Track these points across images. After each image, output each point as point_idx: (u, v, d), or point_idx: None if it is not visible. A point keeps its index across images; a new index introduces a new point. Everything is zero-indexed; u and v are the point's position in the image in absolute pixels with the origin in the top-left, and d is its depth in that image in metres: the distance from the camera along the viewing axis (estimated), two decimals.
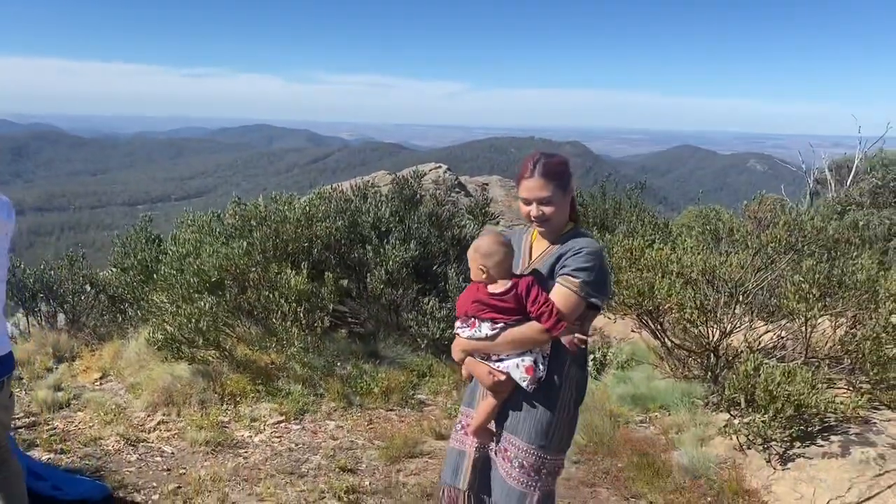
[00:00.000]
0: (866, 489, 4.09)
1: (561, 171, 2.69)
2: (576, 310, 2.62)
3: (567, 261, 2.63)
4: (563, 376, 2.70)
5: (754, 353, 5.15)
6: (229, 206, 7.12)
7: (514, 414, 2.73)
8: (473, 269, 2.73)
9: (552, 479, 2.79)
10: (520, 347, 2.66)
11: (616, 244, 6.19)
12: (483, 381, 2.74)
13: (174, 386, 5.80)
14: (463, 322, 2.77)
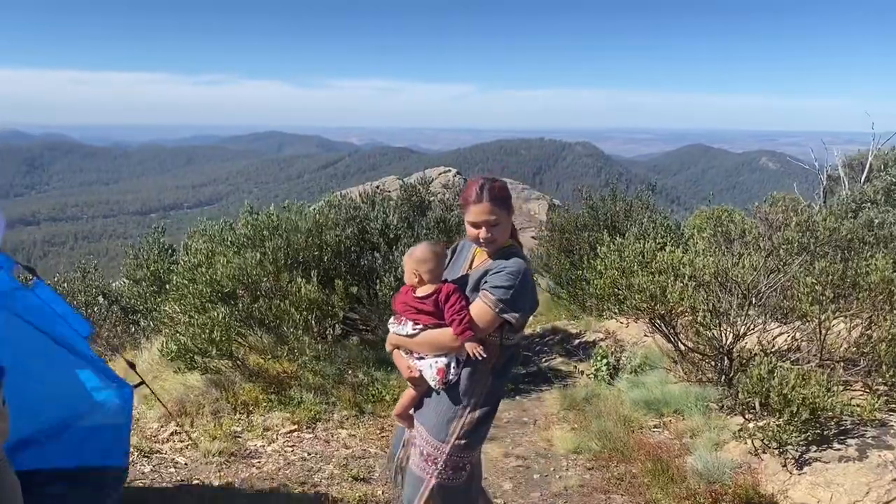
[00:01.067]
0: (884, 493, 4.03)
1: (506, 196, 2.90)
2: (489, 324, 2.81)
3: (489, 277, 2.83)
4: (474, 381, 2.90)
5: (768, 355, 5.09)
6: (241, 216, 7.15)
7: (426, 405, 2.99)
8: (407, 272, 2.97)
9: (453, 472, 2.95)
10: (434, 349, 2.89)
11: (628, 247, 6.15)
12: (403, 373, 3.01)
13: (187, 396, 5.83)
14: (395, 319, 3.02)
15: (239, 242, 6.64)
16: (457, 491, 2.99)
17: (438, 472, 2.92)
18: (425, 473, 2.93)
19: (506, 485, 4.85)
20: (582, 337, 8.82)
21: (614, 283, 5.93)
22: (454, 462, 2.93)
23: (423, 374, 2.90)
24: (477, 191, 2.85)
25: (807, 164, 22.18)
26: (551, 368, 7.74)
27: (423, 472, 2.94)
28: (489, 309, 2.77)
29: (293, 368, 6.23)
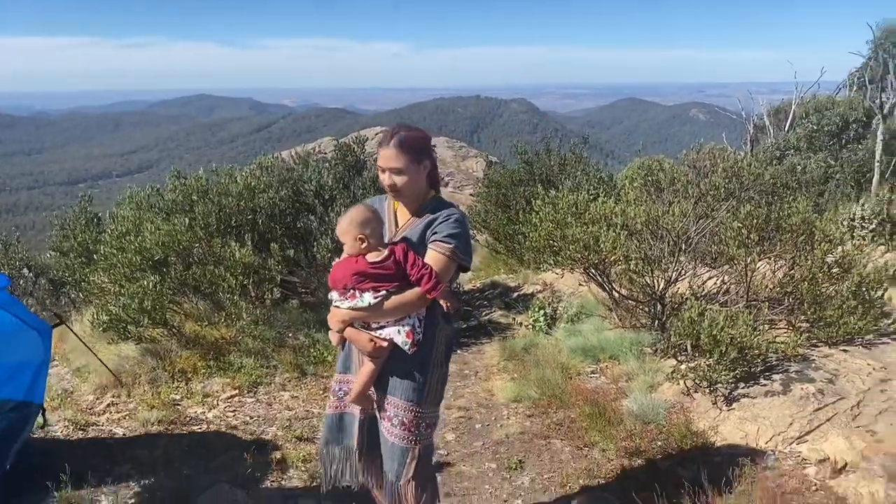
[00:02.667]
0: (806, 423, 4.25)
1: (415, 146, 2.82)
2: (449, 273, 2.81)
3: (437, 227, 2.81)
4: (437, 334, 2.90)
5: (698, 299, 5.27)
6: (169, 181, 6.93)
7: (391, 376, 2.88)
8: (349, 241, 2.79)
9: (431, 430, 2.99)
10: (402, 313, 2.79)
11: (561, 200, 6.22)
12: (364, 348, 2.83)
13: (123, 367, 5.70)
14: (342, 294, 2.82)
15: (167, 208, 6.46)
16: (431, 446, 3.06)
17: (422, 436, 2.90)
18: (410, 442, 2.88)
19: (449, 436, 4.92)
20: (520, 290, 8.95)
21: (549, 236, 6.01)
22: (431, 420, 2.95)
23: (394, 340, 2.78)
24: (387, 136, 2.83)
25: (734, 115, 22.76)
26: (491, 322, 7.83)
27: (408, 441, 2.88)
28: (447, 258, 2.77)
29: (231, 334, 6.14)
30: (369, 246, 2.76)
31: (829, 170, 12.88)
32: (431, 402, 2.92)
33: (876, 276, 5.22)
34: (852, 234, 8.06)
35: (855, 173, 12.50)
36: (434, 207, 2.88)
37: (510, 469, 4.35)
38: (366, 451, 3.04)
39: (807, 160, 13.42)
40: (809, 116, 15.80)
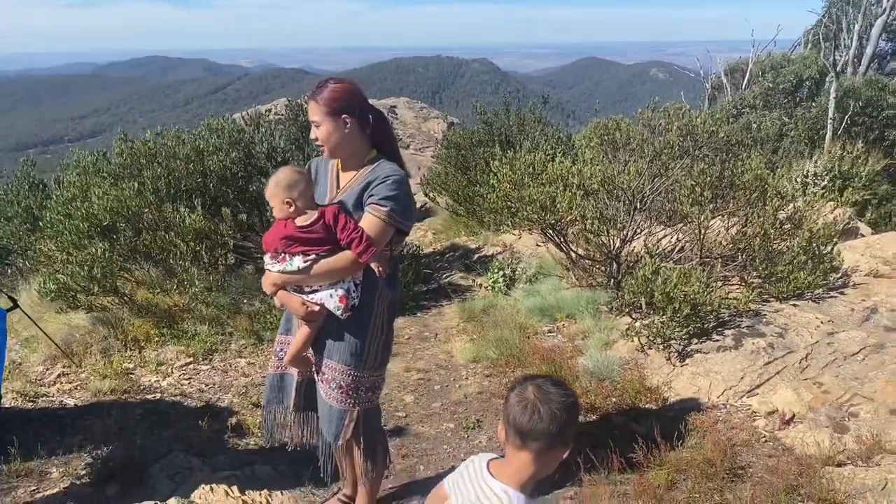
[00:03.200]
0: (757, 377, 4.35)
1: (335, 98, 2.72)
2: (385, 236, 2.74)
3: (374, 189, 2.71)
4: (375, 299, 2.84)
5: (653, 257, 5.31)
6: (116, 145, 6.71)
7: (329, 340, 2.85)
8: (277, 205, 2.73)
9: (372, 394, 2.97)
10: (333, 278, 2.73)
11: (519, 160, 6.19)
12: (297, 312, 2.81)
13: (73, 336, 5.57)
14: (273, 258, 2.78)
15: (115, 173, 6.26)
16: (375, 411, 3.05)
17: (360, 399, 2.89)
18: (347, 405, 2.88)
19: (408, 398, 4.93)
20: (480, 251, 8.94)
21: (507, 197, 5.98)
22: (371, 384, 2.93)
23: (325, 305, 2.74)
24: (313, 88, 2.77)
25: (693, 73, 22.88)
26: (451, 284, 7.82)
27: (345, 403, 2.87)
28: (382, 222, 2.69)
29: (185, 301, 6.03)
30: (297, 209, 2.71)
31: (783, 127, 13.05)
32: (371, 367, 2.89)
33: (826, 231, 5.32)
34: (805, 190, 8.20)
35: (809, 131, 12.69)
36: (374, 169, 2.79)
37: (468, 429, 4.37)
38: (305, 412, 3.07)
39: (762, 118, 13.58)
40: (765, 75, 15.96)
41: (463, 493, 1.83)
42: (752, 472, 3.52)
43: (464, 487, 1.84)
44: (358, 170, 2.83)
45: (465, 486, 1.84)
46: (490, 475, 1.81)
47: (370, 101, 2.91)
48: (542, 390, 1.76)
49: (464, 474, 1.89)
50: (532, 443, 1.74)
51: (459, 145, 10.51)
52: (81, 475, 3.88)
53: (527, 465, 1.78)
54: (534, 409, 1.73)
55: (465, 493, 1.82)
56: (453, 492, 1.88)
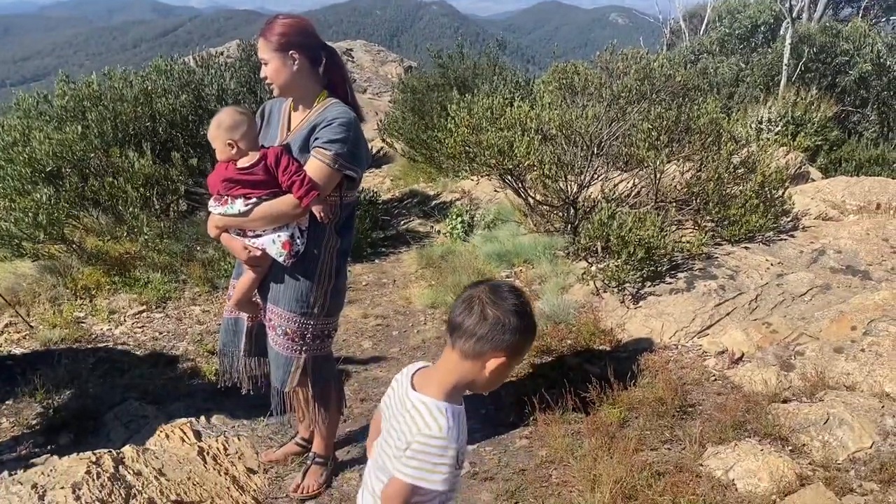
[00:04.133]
0: (708, 318, 4.44)
1: (283, 33, 2.64)
2: (330, 181, 2.66)
3: (320, 132, 2.64)
4: (322, 247, 2.79)
5: (609, 202, 5.35)
6: (58, 87, 6.44)
7: (275, 285, 2.81)
8: (219, 147, 2.68)
9: (321, 342, 2.94)
10: (275, 222, 2.68)
11: (477, 104, 6.12)
12: (239, 256, 2.79)
13: (19, 285, 5.42)
14: (216, 200, 2.73)
15: (58, 116, 6.02)
16: (325, 358, 3.01)
17: (307, 346, 2.86)
18: (293, 352, 2.85)
19: (365, 343, 4.93)
20: (439, 198, 8.90)
21: (465, 142, 5.92)
22: (320, 331, 2.89)
23: (267, 251, 2.69)
24: (263, 25, 2.69)
25: (652, 18, 22.79)
26: (409, 230, 7.80)
27: (291, 350, 2.85)
28: (326, 166, 2.61)
29: (136, 249, 5.89)
30: (239, 151, 2.64)
31: (739, 73, 13.12)
32: (319, 314, 2.84)
33: (778, 176, 5.40)
34: (759, 136, 8.29)
35: (764, 77, 12.78)
36: (323, 111, 2.71)
37: None
38: (255, 357, 3.07)
39: (719, 63, 13.62)
40: (722, 20, 15.95)
41: (391, 409, 1.74)
42: (702, 410, 3.62)
43: (392, 403, 1.75)
44: (308, 111, 2.75)
45: (393, 401, 1.75)
46: (412, 388, 1.69)
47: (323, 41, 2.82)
48: (493, 291, 1.63)
49: (394, 388, 1.78)
50: (458, 340, 1.62)
51: (416, 89, 10.35)
52: (33, 424, 3.82)
53: (452, 368, 1.65)
54: (470, 305, 1.61)
55: (392, 409, 1.73)
56: (385, 409, 1.79)
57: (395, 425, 1.67)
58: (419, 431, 1.58)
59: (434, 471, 1.57)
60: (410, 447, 1.58)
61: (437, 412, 1.61)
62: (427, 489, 1.59)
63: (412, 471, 1.57)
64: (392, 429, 1.69)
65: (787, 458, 3.01)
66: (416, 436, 1.58)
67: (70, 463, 3.08)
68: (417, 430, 1.58)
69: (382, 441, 1.75)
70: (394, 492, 1.60)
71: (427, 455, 1.57)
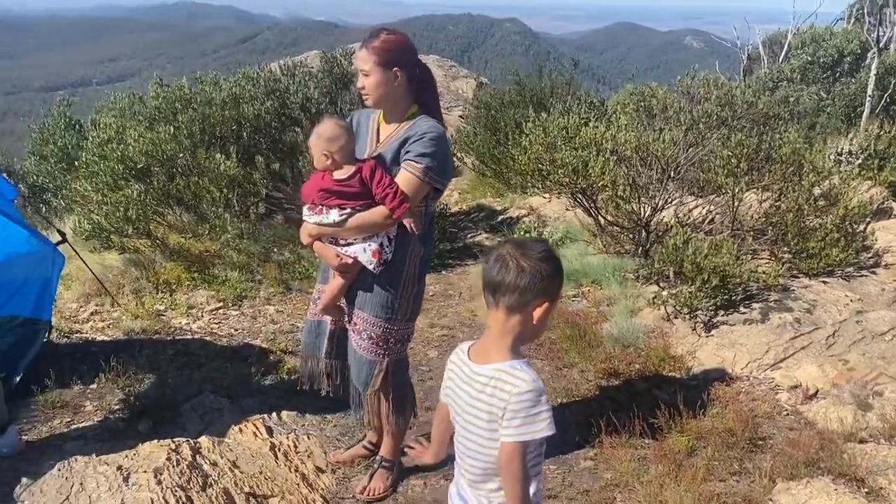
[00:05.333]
0: (782, 351, 4.35)
1: (385, 48, 2.73)
2: (419, 193, 2.77)
3: (411, 146, 2.73)
4: (408, 254, 2.88)
5: (683, 227, 5.29)
6: (151, 88, 6.75)
7: (362, 291, 2.92)
8: (317, 156, 2.78)
9: (401, 346, 3.07)
10: (367, 232, 2.79)
11: (552, 123, 6.15)
12: (331, 263, 2.89)
13: (106, 276, 5.67)
14: (310, 209, 2.84)
15: (150, 116, 6.31)
16: (403, 361, 3.14)
17: (389, 350, 2.97)
18: (377, 356, 2.96)
19: (431, 353, 4.99)
20: (506, 213, 8.93)
21: (538, 159, 5.96)
22: (401, 336, 3.01)
23: (358, 258, 2.80)
24: (365, 37, 2.79)
25: (730, 43, 22.39)
26: (476, 244, 7.84)
27: (375, 354, 2.96)
28: (417, 179, 2.71)
29: (216, 247, 6.11)
30: (335, 162, 2.74)
31: (821, 103, 12.78)
32: (402, 319, 2.97)
33: (860, 209, 5.26)
34: (839, 167, 8.08)
35: (846, 107, 12.41)
36: (413, 125, 2.80)
37: None
38: (335, 360, 3.16)
39: (800, 92, 13.29)
40: (805, 48, 15.57)
41: (459, 396, 1.79)
42: (773, 444, 3.55)
43: (459, 390, 1.80)
44: (398, 124, 2.85)
45: (459, 387, 1.80)
46: (475, 364, 1.76)
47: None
48: (521, 245, 1.74)
49: (455, 374, 1.83)
50: (503, 298, 1.70)
51: (490, 105, 10.41)
52: (115, 410, 4.00)
53: (503, 328, 1.73)
54: (504, 262, 1.70)
55: (462, 394, 1.78)
56: (453, 400, 1.84)
57: (475, 404, 1.74)
58: (510, 393, 1.67)
59: (537, 420, 1.66)
60: (507, 410, 1.66)
61: (517, 370, 1.70)
62: (537, 440, 1.69)
63: (518, 430, 1.66)
64: (469, 411, 1.76)
65: (862, 500, 2.94)
66: (510, 399, 1.66)
67: (152, 448, 3.23)
68: (508, 394, 1.67)
69: (461, 430, 1.81)
70: (510, 455, 1.68)
71: (527, 410, 1.66)
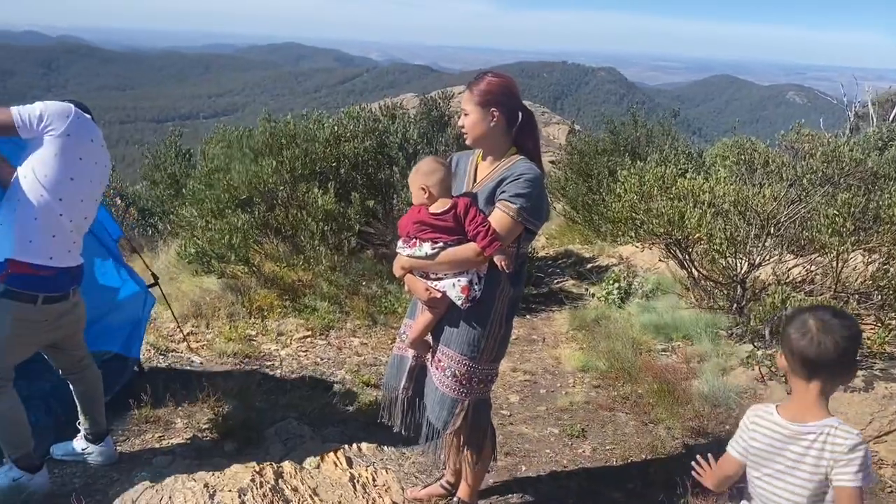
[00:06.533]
0: (887, 423, 4.09)
1: (486, 90, 2.79)
2: (512, 233, 2.76)
3: (507, 186, 2.75)
4: (497, 294, 2.86)
5: (782, 285, 5.09)
6: (259, 123, 7.08)
7: (449, 328, 2.90)
8: (415, 190, 2.83)
9: (484, 386, 3.00)
10: (457, 267, 2.79)
11: (648, 172, 6.08)
12: (420, 296, 2.90)
13: (203, 299, 5.92)
14: (405, 242, 2.88)
15: (256, 149, 6.60)
16: (484, 403, 3.08)
17: (472, 389, 2.94)
18: (460, 394, 2.92)
19: (513, 398, 4.95)
20: (595, 261, 8.84)
21: (632, 208, 5.89)
22: (485, 376, 2.97)
23: (447, 293, 2.80)
24: (472, 78, 2.86)
25: (835, 100, 21.64)
26: (562, 290, 7.78)
27: (457, 392, 2.92)
28: (511, 219, 2.72)
29: (308, 277, 6.29)
30: (432, 197, 2.79)
31: None
32: (487, 359, 2.92)
33: None
34: None
35: None
36: (511, 166, 2.83)
37: (572, 436, 4.34)
38: (411, 396, 3.14)
39: None
40: None
41: (773, 451, 1.96)
42: None
43: (772, 445, 1.96)
44: (496, 164, 2.88)
45: (773, 443, 1.96)
46: (796, 423, 1.93)
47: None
48: (824, 322, 1.89)
49: (763, 433, 1.98)
50: (821, 371, 1.90)
51: (583, 152, 10.41)
52: (203, 428, 4.12)
53: (818, 395, 1.93)
54: (819, 340, 1.87)
55: (779, 449, 1.95)
56: (761, 456, 1.99)
57: (798, 458, 1.92)
58: (845, 442, 1.85)
59: (869, 466, 1.83)
60: (846, 457, 1.83)
61: (844, 426, 1.89)
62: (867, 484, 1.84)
63: (855, 475, 1.82)
64: (787, 464, 1.94)
65: None
66: (846, 448, 1.84)
67: (237, 469, 3.31)
68: (843, 444, 1.85)
69: (771, 482, 1.98)
70: (851, 499, 1.83)
71: (863, 458, 1.83)
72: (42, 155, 3.01)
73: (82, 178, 3.16)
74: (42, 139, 3.00)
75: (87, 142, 3.14)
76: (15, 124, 2.93)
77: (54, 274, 3.10)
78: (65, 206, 3.10)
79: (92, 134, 3.19)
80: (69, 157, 3.06)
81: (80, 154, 3.11)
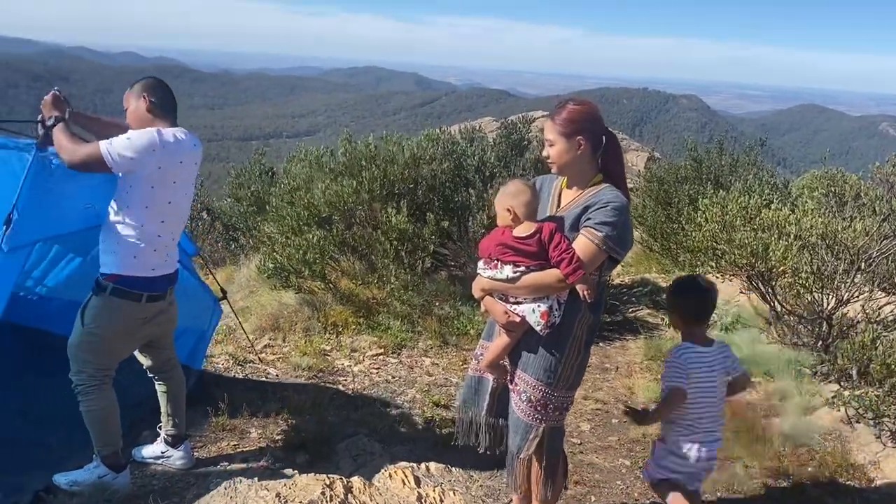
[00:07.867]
0: None
1: (569, 119, 2.77)
2: (595, 261, 2.73)
3: (592, 213, 2.72)
4: (577, 321, 2.82)
5: (872, 324, 4.86)
6: (340, 144, 7.26)
7: (526, 353, 2.87)
8: (500, 211, 2.83)
9: (560, 413, 2.96)
10: (538, 293, 2.76)
11: (731, 201, 5.92)
12: (498, 320, 2.87)
13: (281, 313, 6.07)
14: (486, 263, 2.86)
15: (337, 169, 6.77)
16: (559, 430, 3.05)
17: (548, 416, 2.90)
18: (534, 420, 2.90)
19: (584, 426, 4.87)
20: None
21: (714, 237, 5.74)
22: (561, 403, 2.93)
23: (526, 318, 2.78)
24: (554, 108, 2.86)
25: None
26: (637, 319, 7.62)
27: (532, 418, 2.90)
28: (595, 246, 2.69)
29: (382, 295, 6.38)
30: (517, 219, 2.78)
31: None
32: (563, 386, 2.88)
33: None
34: None
35: None
36: (597, 193, 2.79)
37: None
38: (496, 417, 3.12)
39: None
40: None
41: None
42: None
43: None
44: (581, 191, 2.85)
45: None
46: None
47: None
48: None
49: None
50: None
51: (663, 180, 10.22)
52: (276, 439, 4.21)
53: None
54: None
55: None
56: None
57: None
58: None
59: None
60: None
61: None
62: None
63: None
64: None
65: None
66: None
67: (308, 481, 3.36)
68: None
69: None
70: None
71: None
72: (141, 191, 3.18)
73: (178, 198, 3.35)
74: (136, 174, 3.14)
75: (177, 164, 3.27)
76: (105, 162, 3.06)
77: (156, 277, 3.33)
78: (165, 226, 3.31)
79: (179, 155, 3.28)
80: (165, 184, 3.23)
81: (174, 178, 3.27)
